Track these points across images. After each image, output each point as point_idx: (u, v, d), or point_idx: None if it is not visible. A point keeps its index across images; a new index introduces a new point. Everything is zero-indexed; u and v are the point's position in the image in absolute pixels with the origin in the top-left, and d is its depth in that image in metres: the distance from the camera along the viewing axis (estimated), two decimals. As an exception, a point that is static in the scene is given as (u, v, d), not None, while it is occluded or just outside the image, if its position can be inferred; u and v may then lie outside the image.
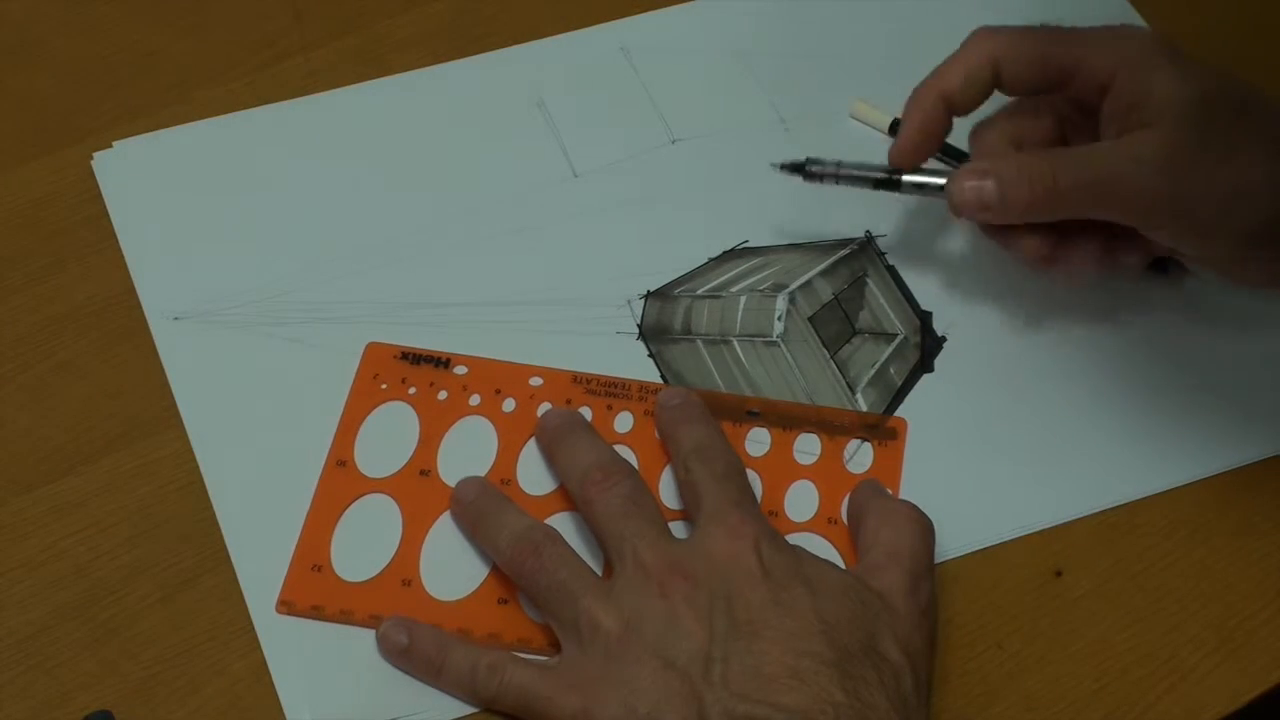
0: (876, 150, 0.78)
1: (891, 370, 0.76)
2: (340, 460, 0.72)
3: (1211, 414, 0.75)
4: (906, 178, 0.75)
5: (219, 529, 0.71)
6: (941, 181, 0.74)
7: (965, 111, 0.73)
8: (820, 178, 0.77)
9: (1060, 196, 0.70)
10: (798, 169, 0.77)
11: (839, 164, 0.76)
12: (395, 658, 0.68)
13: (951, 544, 0.71)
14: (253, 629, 0.68)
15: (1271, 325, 0.78)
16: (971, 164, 0.72)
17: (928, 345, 0.77)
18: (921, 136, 0.73)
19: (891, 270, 0.79)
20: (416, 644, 0.67)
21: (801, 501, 0.72)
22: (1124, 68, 0.70)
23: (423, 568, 0.70)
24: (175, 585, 0.70)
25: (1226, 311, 0.78)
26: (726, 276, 0.79)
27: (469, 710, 0.67)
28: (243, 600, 0.69)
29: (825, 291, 0.79)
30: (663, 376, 0.76)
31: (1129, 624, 0.70)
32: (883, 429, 0.74)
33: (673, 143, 0.83)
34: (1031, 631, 0.70)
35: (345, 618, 0.69)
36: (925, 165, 0.76)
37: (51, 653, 0.68)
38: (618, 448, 0.72)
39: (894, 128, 0.82)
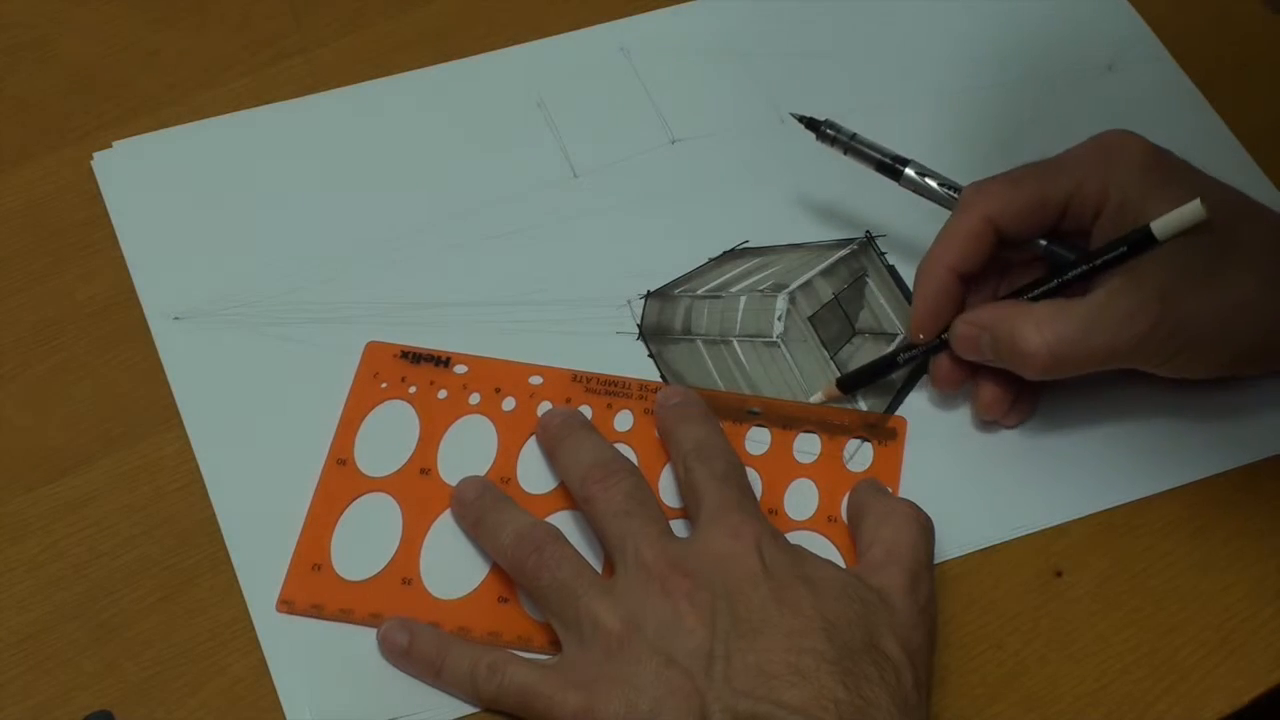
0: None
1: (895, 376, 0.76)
2: (340, 459, 0.72)
3: (1211, 414, 0.75)
4: (908, 172, 0.76)
5: (219, 529, 0.71)
6: (938, 190, 0.75)
7: (974, 275, 0.73)
8: (831, 141, 0.77)
9: (1057, 366, 0.70)
10: (813, 126, 0.77)
11: (853, 135, 0.77)
12: (396, 658, 0.68)
13: (951, 544, 0.71)
14: (253, 629, 0.68)
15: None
16: (973, 314, 0.72)
17: (928, 345, 0.77)
18: (935, 307, 0.73)
19: (891, 270, 0.79)
20: (416, 644, 0.67)
21: (801, 500, 0.72)
22: (1114, 196, 0.71)
23: (423, 567, 0.70)
24: (175, 585, 0.70)
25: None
26: (726, 276, 0.79)
27: (469, 710, 0.67)
28: (243, 600, 0.69)
29: (825, 291, 0.79)
30: (663, 376, 0.76)
31: (1129, 624, 0.70)
32: (883, 429, 0.74)
33: (673, 143, 0.83)
34: (1031, 631, 0.70)
35: (345, 617, 0.69)
36: (927, 171, 0.76)
37: (51, 653, 0.68)
38: (618, 446, 0.72)
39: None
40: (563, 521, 0.70)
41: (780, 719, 0.61)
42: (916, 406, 0.75)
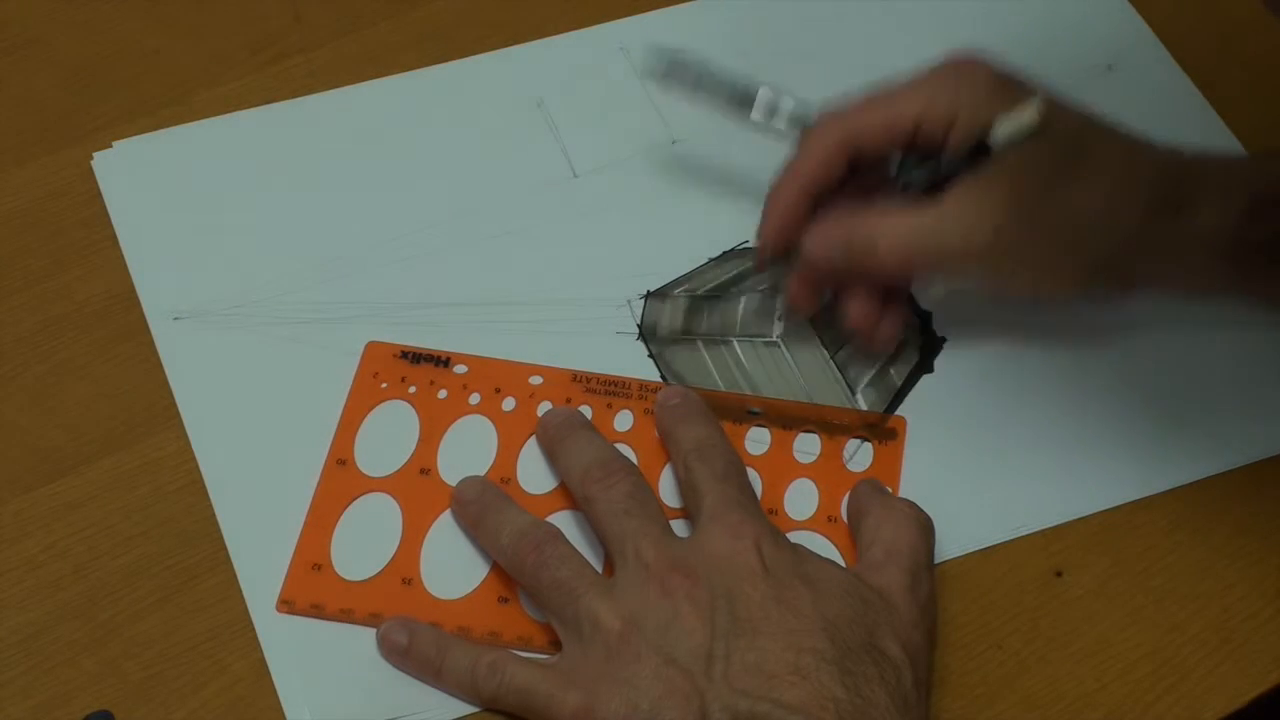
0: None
1: (891, 370, 0.76)
2: (340, 459, 0.72)
3: (1211, 414, 0.75)
4: (754, 113, 0.76)
5: (219, 529, 0.71)
6: (783, 131, 0.76)
7: (825, 196, 0.74)
8: (683, 80, 0.77)
9: (908, 265, 0.72)
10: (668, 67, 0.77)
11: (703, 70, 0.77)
12: (395, 658, 0.68)
13: (951, 544, 0.71)
14: (253, 629, 0.68)
15: (1271, 325, 0.78)
16: (824, 225, 0.73)
17: (928, 345, 0.77)
18: (783, 226, 0.74)
19: (891, 270, 0.79)
20: (416, 644, 0.67)
21: (801, 500, 0.72)
22: (962, 112, 0.71)
23: (423, 566, 0.70)
24: (175, 585, 0.70)
25: (1227, 311, 0.78)
26: (726, 276, 0.79)
27: (469, 710, 0.67)
28: (243, 600, 0.69)
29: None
30: (663, 377, 0.76)
31: (1129, 624, 0.70)
32: (883, 428, 0.74)
33: (673, 143, 0.83)
34: (1031, 631, 0.70)
35: (346, 616, 0.69)
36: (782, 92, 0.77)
37: (51, 653, 0.68)
38: (618, 446, 0.72)
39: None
40: (563, 521, 0.70)
41: (780, 718, 0.61)
42: (916, 406, 0.75)
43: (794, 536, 0.69)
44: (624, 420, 0.74)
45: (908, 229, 0.71)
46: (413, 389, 0.74)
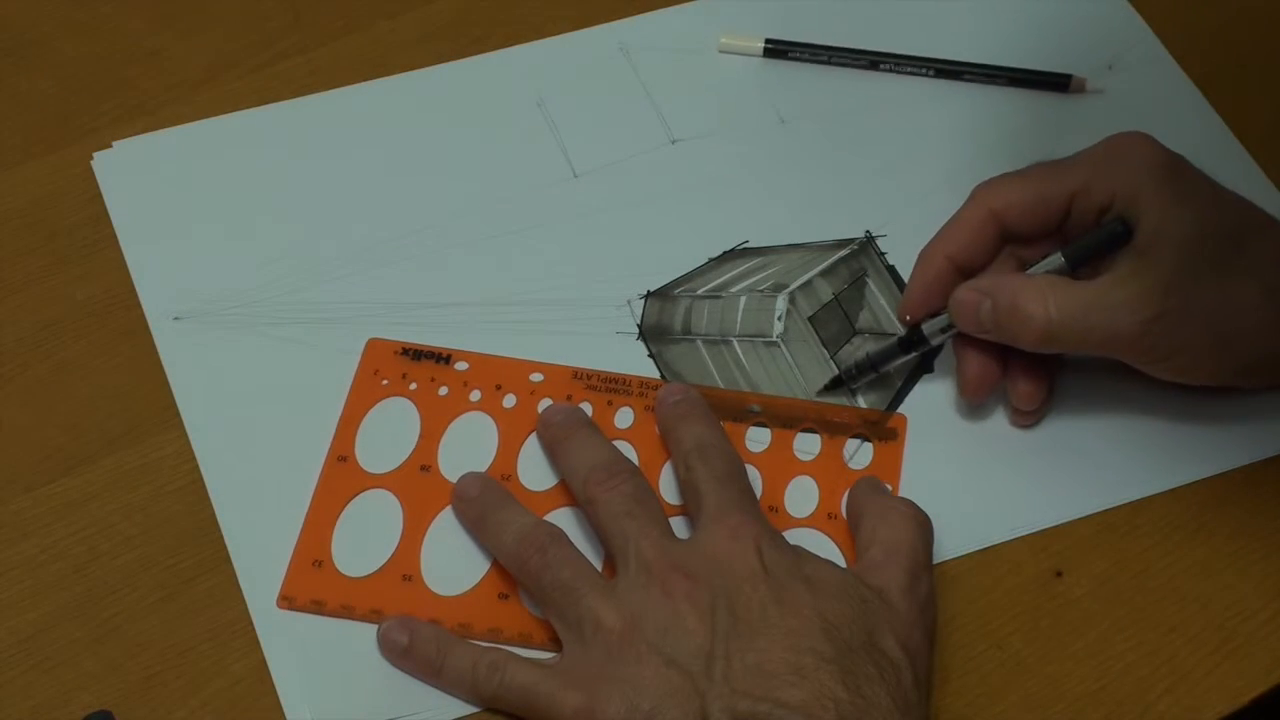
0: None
1: (891, 370, 0.76)
2: (341, 456, 0.72)
3: (1211, 414, 0.75)
4: (926, 326, 0.74)
5: (219, 528, 0.71)
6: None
7: (974, 270, 0.73)
8: (856, 379, 0.75)
9: (1054, 337, 0.70)
10: (837, 384, 0.75)
11: (867, 355, 0.75)
12: (396, 658, 0.68)
13: (951, 544, 0.71)
14: (253, 629, 0.68)
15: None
16: (975, 280, 0.72)
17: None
18: (925, 294, 0.74)
19: (891, 270, 0.79)
20: (417, 644, 0.67)
21: (801, 497, 0.72)
22: (1121, 194, 0.71)
23: (424, 563, 0.70)
24: (175, 585, 0.70)
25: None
26: (726, 276, 0.79)
27: (469, 710, 0.67)
28: (243, 600, 0.69)
29: (825, 291, 0.79)
30: (663, 376, 0.76)
31: (1129, 624, 0.70)
32: (883, 427, 0.74)
33: (673, 143, 0.83)
34: (1031, 631, 0.70)
35: (346, 613, 0.69)
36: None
37: (51, 653, 0.68)
38: (618, 443, 0.72)
39: (768, 51, 0.85)
40: (563, 519, 0.70)
41: (780, 718, 0.61)
42: (917, 405, 0.75)
43: (794, 534, 0.69)
44: (624, 417, 0.74)
45: (1056, 305, 0.70)
46: (413, 385, 0.74)
